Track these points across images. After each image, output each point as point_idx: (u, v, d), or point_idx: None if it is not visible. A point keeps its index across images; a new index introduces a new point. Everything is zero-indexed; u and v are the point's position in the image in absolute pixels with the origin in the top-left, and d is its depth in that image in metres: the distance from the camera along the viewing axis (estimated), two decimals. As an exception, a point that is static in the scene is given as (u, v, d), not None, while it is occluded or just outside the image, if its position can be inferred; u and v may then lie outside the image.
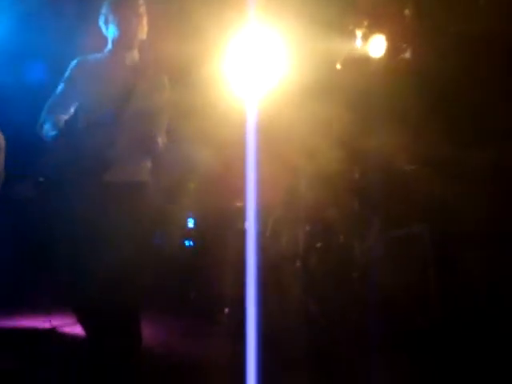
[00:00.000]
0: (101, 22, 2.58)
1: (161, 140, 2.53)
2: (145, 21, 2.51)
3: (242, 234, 3.83)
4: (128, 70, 2.52)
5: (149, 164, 2.60)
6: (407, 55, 4.13)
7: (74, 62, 2.57)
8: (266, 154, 3.65)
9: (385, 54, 4.18)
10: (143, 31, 2.53)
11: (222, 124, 4.30)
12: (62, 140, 2.43)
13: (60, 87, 2.56)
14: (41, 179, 3.78)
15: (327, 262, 3.71)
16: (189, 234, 4.91)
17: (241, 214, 3.92)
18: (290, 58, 4.26)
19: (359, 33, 4.14)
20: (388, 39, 4.13)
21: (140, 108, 2.45)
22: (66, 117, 2.51)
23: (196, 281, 4.42)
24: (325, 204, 4.02)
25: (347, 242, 3.78)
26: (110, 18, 2.51)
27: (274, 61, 4.20)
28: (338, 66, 4.42)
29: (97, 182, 2.40)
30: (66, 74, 2.56)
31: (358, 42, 4.18)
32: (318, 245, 3.80)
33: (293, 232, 3.86)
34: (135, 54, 2.58)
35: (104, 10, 2.55)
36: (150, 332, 3.13)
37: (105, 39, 2.61)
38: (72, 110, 2.55)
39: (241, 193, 3.65)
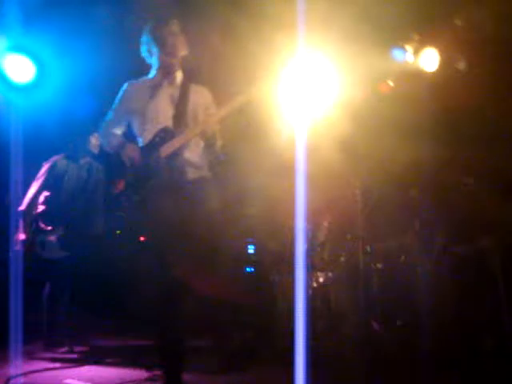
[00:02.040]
0: (143, 52, 2.83)
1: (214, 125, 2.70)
2: (181, 38, 2.75)
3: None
4: (175, 87, 2.78)
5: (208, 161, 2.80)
6: (461, 67, 4.02)
7: (124, 85, 2.82)
8: (319, 176, 3.65)
9: (438, 68, 4.10)
10: (182, 47, 2.76)
11: (276, 148, 4.35)
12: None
13: (114, 107, 2.82)
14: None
15: (388, 282, 3.60)
16: (249, 261, 4.92)
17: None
18: (340, 79, 4.26)
19: (410, 48, 4.08)
20: (441, 52, 4.05)
21: (194, 117, 2.75)
22: (119, 132, 2.81)
23: (257, 306, 4.39)
24: (384, 223, 3.94)
25: (409, 261, 3.66)
26: (150, 43, 2.78)
27: (325, 82, 4.22)
28: (390, 83, 4.37)
29: (174, 187, 2.64)
30: (119, 96, 2.81)
31: (410, 57, 4.11)
32: (379, 265, 3.70)
33: (352, 253, 3.78)
34: (180, 74, 2.81)
35: (143, 39, 2.81)
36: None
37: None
38: (124, 126, 2.83)
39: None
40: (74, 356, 3.71)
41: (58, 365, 3.47)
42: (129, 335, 4.06)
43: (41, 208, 3.95)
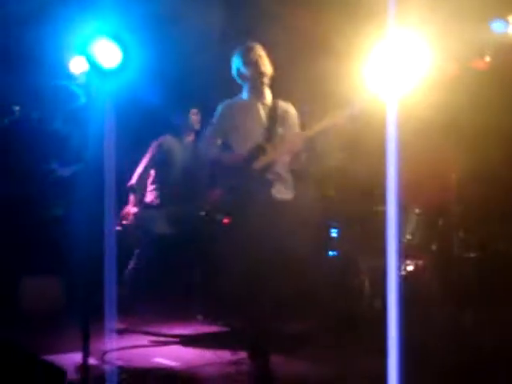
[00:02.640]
0: (234, 75, 3.17)
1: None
2: (268, 59, 3.09)
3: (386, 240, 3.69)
4: (266, 106, 3.12)
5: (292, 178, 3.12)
6: None
7: (222, 105, 3.17)
8: (410, 159, 3.47)
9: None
10: (270, 68, 3.10)
11: (363, 130, 4.21)
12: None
13: (213, 124, 3.17)
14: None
15: (483, 272, 3.39)
16: (333, 244, 4.83)
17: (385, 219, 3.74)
18: (435, 54, 4.02)
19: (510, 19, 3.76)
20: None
21: (283, 135, 3.09)
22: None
23: (342, 291, 4.29)
24: (481, 209, 3.70)
25: (507, 250, 3.42)
26: (241, 66, 3.12)
27: (419, 59, 3.99)
28: (488, 59, 4.06)
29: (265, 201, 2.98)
30: (217, 114, 3.16)
31: (509, 30, 3.79)
32: (473, 254, 3.48)
33: (444, 241, 3.58)
34: (269, 93, 3.13)
35: (234, 64, 3.17)
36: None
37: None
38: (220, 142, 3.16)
39: (384, 197, 3.52)
40: (162, 334, 3.81)
41: (146, 342, 3.58)
42: (218, 318, 4.10)
43: (151, 184, 4.11)
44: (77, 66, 4.33)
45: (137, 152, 4.33)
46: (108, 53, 3.64)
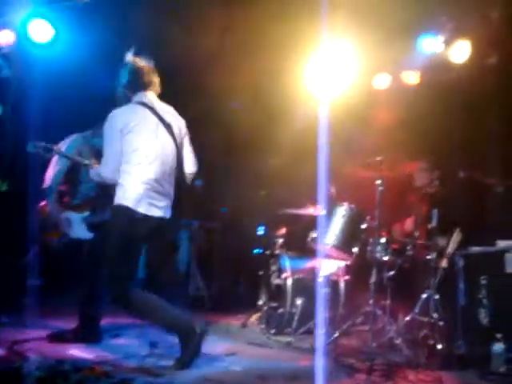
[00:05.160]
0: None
1: None
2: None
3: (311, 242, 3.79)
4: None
5: None
6: (493, 61, 3.91)
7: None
8: (339, 161, 3.57)
9: (469, 60, 3.99)
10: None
11: (294, 132, 4.30)
12: None
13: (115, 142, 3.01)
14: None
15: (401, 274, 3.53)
16: (259, 242, 4.88)
17: (313, 221, 3.81)
18: (365, 67, 4.18)
19: (441, 38, 3.96)
20: (472, 44, 3.93)
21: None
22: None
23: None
24: (400, 212, 3.87)
25: (421, 255, 3.58)
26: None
27: (349, 71, 4.13)
28: (418, 73, 4.27)
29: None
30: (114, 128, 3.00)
31: (440, 47, 3.99)
32: (389, 258, 3.59)
33: (364, 243, 3.68)
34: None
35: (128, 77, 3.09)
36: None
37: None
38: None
39: (312, 199, 3.61)
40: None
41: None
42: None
43: (66, 185, 3.79)
44: (2, 38, 4.13)
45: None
46: (40, 28, 3.81)
